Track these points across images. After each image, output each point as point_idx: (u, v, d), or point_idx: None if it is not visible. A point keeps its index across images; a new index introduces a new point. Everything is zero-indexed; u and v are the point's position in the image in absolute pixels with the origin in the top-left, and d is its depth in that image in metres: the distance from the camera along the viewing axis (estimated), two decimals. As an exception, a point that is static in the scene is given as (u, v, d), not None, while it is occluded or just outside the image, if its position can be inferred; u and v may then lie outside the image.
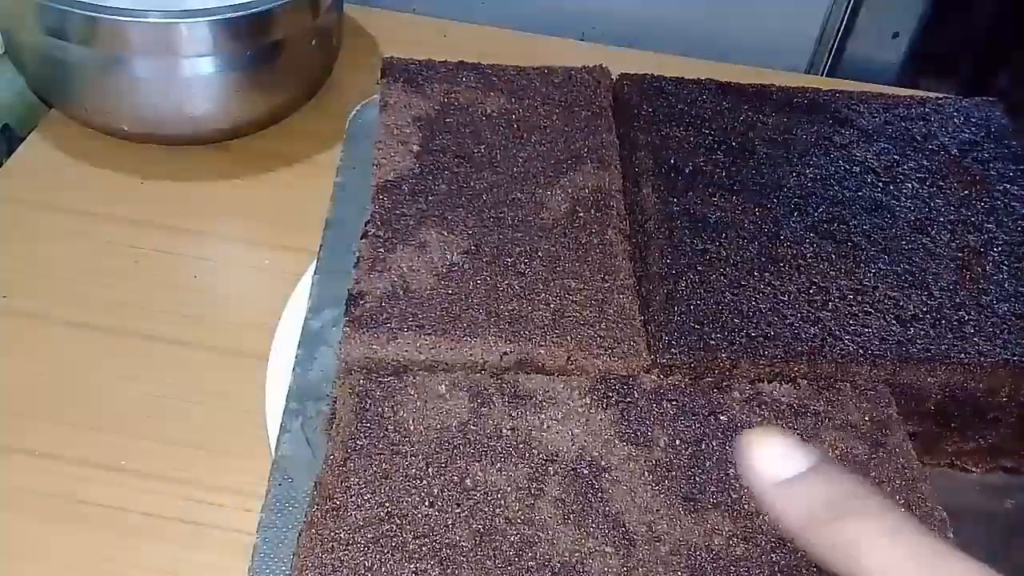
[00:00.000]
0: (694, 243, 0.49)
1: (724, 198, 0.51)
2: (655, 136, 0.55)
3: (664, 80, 0.59)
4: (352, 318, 0.44)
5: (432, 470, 0.39)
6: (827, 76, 0.88)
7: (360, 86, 0.69)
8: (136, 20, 0.59)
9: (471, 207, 0.50)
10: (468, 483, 0.39)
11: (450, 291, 0.46)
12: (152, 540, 0.47)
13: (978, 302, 0.48)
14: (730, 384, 0.43)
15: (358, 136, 0.60)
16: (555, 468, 0.39)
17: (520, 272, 0.47)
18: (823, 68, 0.89)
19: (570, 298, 0.46)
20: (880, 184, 0.54)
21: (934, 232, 0.51)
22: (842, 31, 0.86)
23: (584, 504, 0.38)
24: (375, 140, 0.53)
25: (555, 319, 0.45)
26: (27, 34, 0.62)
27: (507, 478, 0.39)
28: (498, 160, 0.53)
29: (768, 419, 0.42)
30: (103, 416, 0.51)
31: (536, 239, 0.49)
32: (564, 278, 0.47)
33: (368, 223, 0.48)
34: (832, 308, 0.47)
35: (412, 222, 0.49)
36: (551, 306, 0.45)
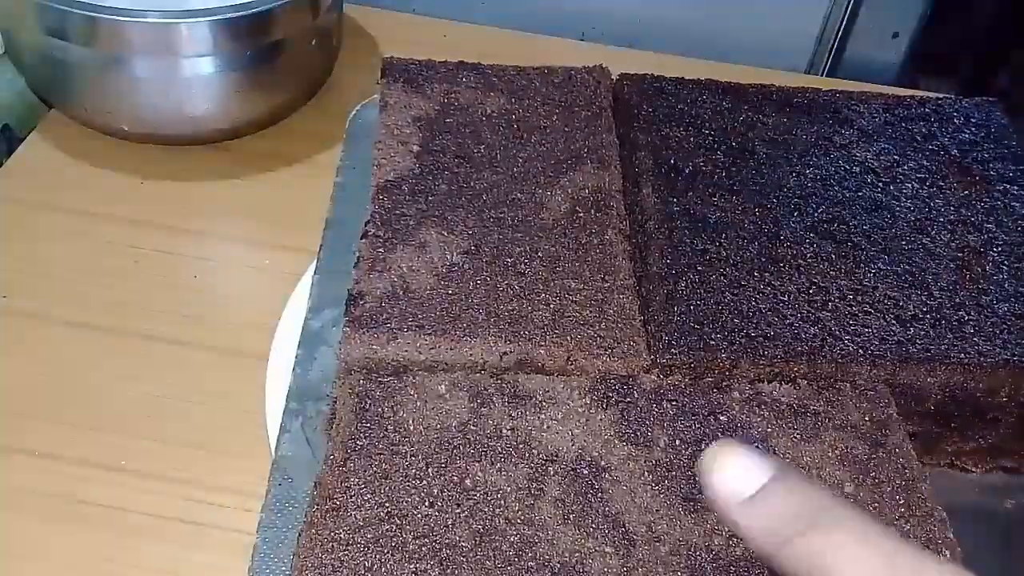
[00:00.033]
0: (694, 243, 0.49)
1: (724, 198, 0.51)
2: (655, 136, 0.55)
3: (664, 80, 0.59)
4: (352, 318, 0.44)
5: (432, 470, 0.39)
6: (827, 76, 0.88)
7: (360, 86, 0.69)
8: (136, 20, 0.59)
9: (471, 207, 0.50)
10: (468, 483, 0.39)
11: (450, 291, 0.46)
12: (152, 540, 0.47)
13: (978, 302, 0.48)
14: (730, 384, 0.43)
15: (358, 136, 0.60)
16: (555, 468, 0.39)
17: (520, 272, 0.47)
18: (823, 68, 0.89)
19: (570, 298, 0.46)
20: (880, 184, 0.54)
21: (934, 232, 0.51)
22: (842, 31, 0.86)
23: (584, 504, 0.38)
24: (375, 140, 0.53)
25: (555, 319, 0.45)
26: (27, 34, 0.62)
27: (507, 478, 0.39)
28: (498, 160, 0.53)
29: (768, 419, 0.42)
30: (103, 416, 0.51)
31: (536, 239, 0.49)
32: (564, 278, 0.47)
33: (368, 223, 0.49)
34: (832, 308, 0.47)
35: (412, 222, 0.49)
36: (551, 306, 0.45)
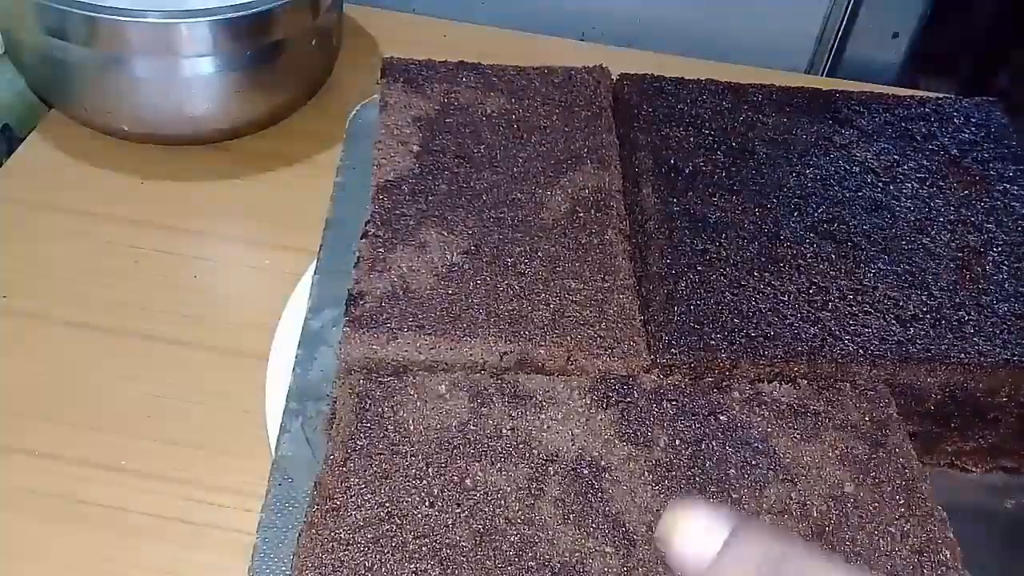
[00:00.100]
0: (694, 243, 0.49)
1: (724, 198, 0.51)
2: (655, 136, 0.55)
3: (664, 80, 0.59)
4: (352, 318, 0.44)
5: (432, 470, 0.39)
6: (827, 76, 0.88)
7: (360, 86, 0.69)
8: (136, 20, 0.59)
9: (471, 207, 0.50)
10: (468, 483, 0.39)
11: (450, 291, 0.46)
12: (152, 540, 0.47)
13: (978, 302, 0.48)
14: (730, 384, 0.43)
15: (358, 136, 0.60)
16: (555, 468, 0.39)
17: (520, 272, 0.47)
18: (823, 68, 0.88)
19: (570, 298, 0.46)
20: (880, 184, 0.54)
21: (934, 232, 0.51)
22: (842, 31, 0.86)
23: (584, 504, 0.38)
24: (375, 140, 0.53)
25: (555, 319, 0.45)
26: (27, 34, 0.62)
27: (507, 478, 0.39)
28: (498, 160, 0.53)
29: (768, 419, 0.42)
30: (103, 416, 0.51)
31: (536, 239, 0.49)
32: (564, 278, 0.47)
33: (368, 223, 0.49)
34: (832, 308, 0.47)
35: (412, 222, 0.49)
36: (551, 306, 0.45)
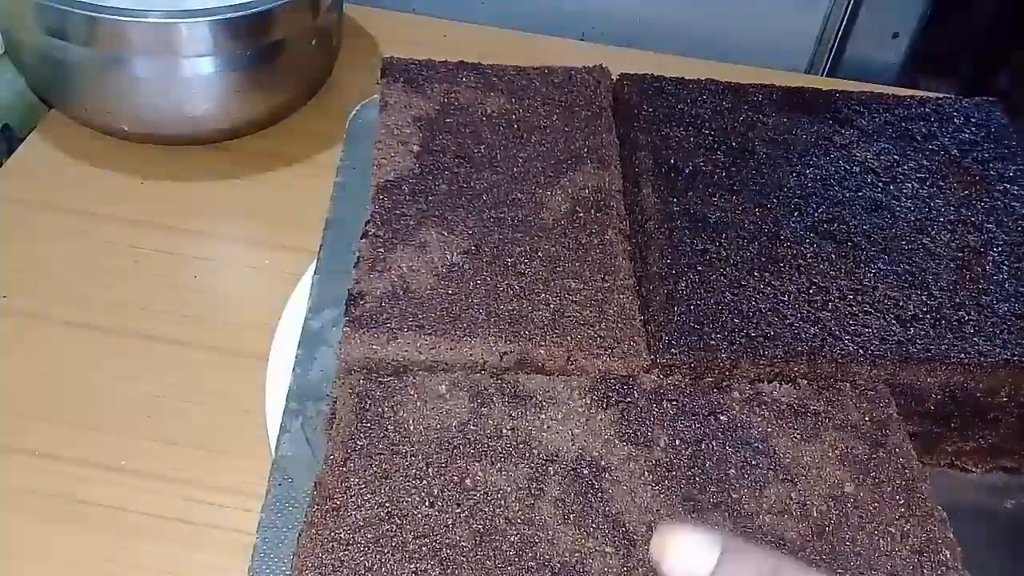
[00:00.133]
0: (694, 243, 0.49)
1: (724, 198, 0.51)
2: (655, 136, 0.55)
3: (664, 80, 0.59)
4: (352, 318, 0.44)
5: (432, 470, 0.39)
6: (827, 76, 0.88)
7: (360, 86, 0.69)
8: (136, 20, 0.59)
9: (471, 207, 0.50)
10: (468, 483, 0.39)
11: (450, 291, 0.46)
12: (152, 540, 0.47)
13: (978, 302, 0.48)
14: (730, 384, 0.43)
15: (358, 136, 0.60)
16: (555, 468, 0.39)
17: (520, 272, 0.47)
18: (823, 68, 0.88)
19: (570, 298, 0.46)
20: (880, 184, 0.54)
21: (934, 232, 0.51)
22: (842, 31, 0.86)
23: (584, 504, 0.38)
24: (375, 140, 0.53)
25: (555, 319, 0.45)
26: (27, 34, 0.62)
27: (507, 478, 0.39)
28: (498, 160, 0.53)
29: (768, 419, 0.42)
30: (103, 416, 0.51)
31: (536, 239, 0.49)
32: (564, 278, 0.47)
33: (368, 223, 0.49)
34: (832, 308, 0.47)
35: (412, 222, 0.49)
36: (551, 306, 0.45)
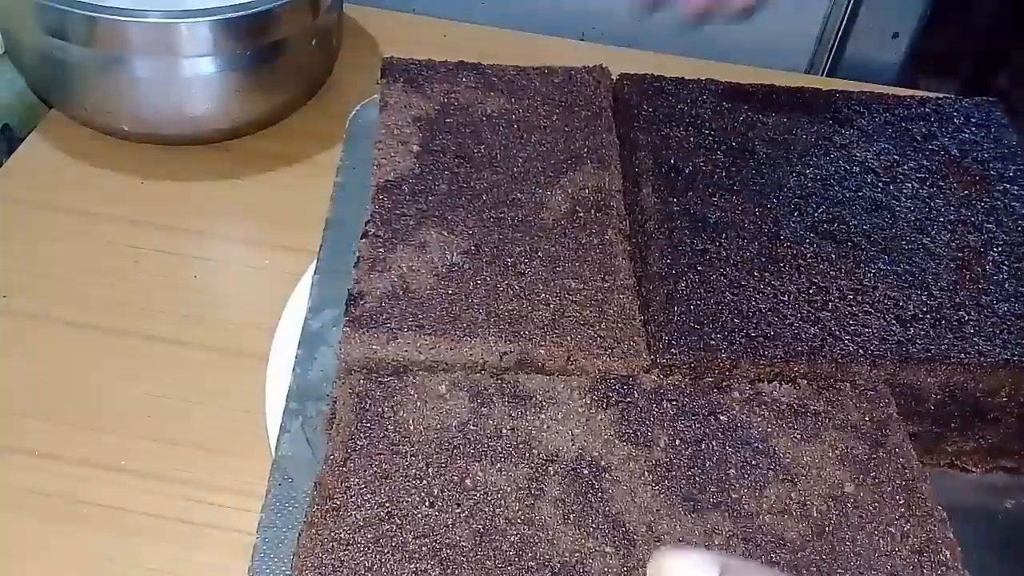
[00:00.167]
0: (694, 243, 0.49)
1: (724, 198, 0.51)
2: (655, 136, 0.55)
3: (664, 80, 0.59)
4: (352, 318, 0.44)
5: (432, 470, 0.39)
6: (827, 76, 0.88)
7: (360, 86, 0.69)
8: (136, 20, 0.59)
9: (471, 207, 0.50)
10: (468, 483, 0.39)
11: (450, 291, 0.46)
12: (152, 540, 0.47)
13: (978, 302, 0.48)
14: (730, 384, 0.43)
15: (358, 136, 0.60)
16: (555, 468, 0.39)
17: (520, 272, 0.47)
18: (823, 68, 0.88)
19: (570, 298, 0.46)
20: (880, 184, 0.54)
21: (934, 232, 0.51)
22: (842, 31, 0.86)
23: (584, 504, 0.38)
24: (375, 140, 0.53)
25: (555, 319, 0.45)
26: (27, 34, 0.62)
27: (507, 478, 0.39)
28: (498, 160, 0.53)
29: (768, 419, 0.42)
30: (103, 416, 0.51)
31: (536, 239, 0.49)
32: (564, 278, 0.47)
33: (368, 223, 0.49)
34: (832, 308, 0.47)
35: (412, 222, 0.49)
36: (551, 306, 0.45)
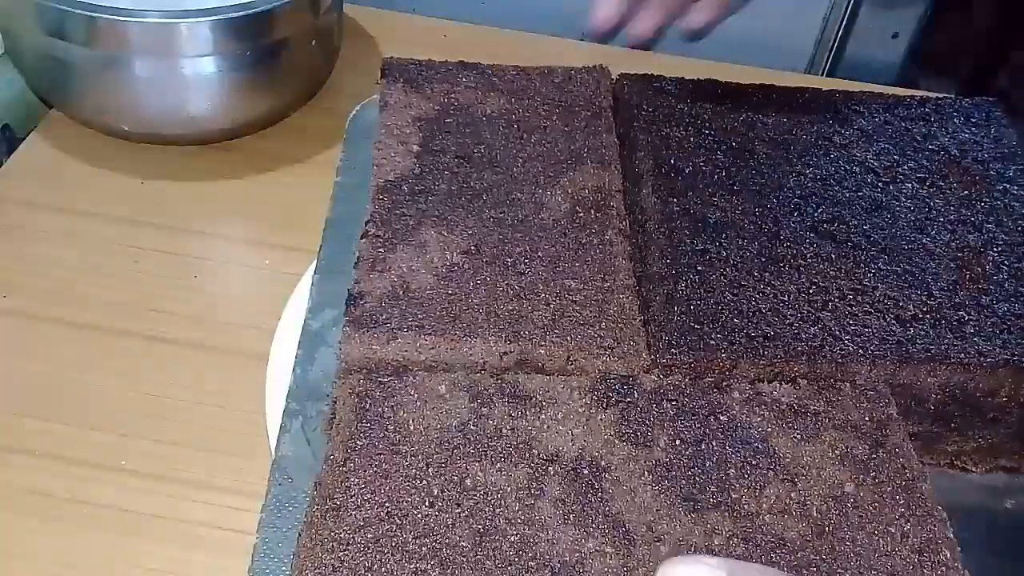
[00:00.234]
0: (694, 243, 0.49)
1: (724, 198, 0.51)
2: (655, 136, 0.55)
3: (664, 80, 0.59)
4: (352, 318, 0.44)
5: (432, 470, 0.39)
6: (827, 76, 0.88)
7: (360, 86, 0.69)
8: (136, 20, 0.59)
9: (471, 207, 0.50)
10: (468, 483, 0.39)
11: (450, 291, 0.46)
12: (152, 540, 0.47)
13: (978, 302, 0.48)
14: (730, 384, 0.43)
15: (358, 136, 0.60)
16: (555, 468, 0.39)
17: (520, 272, 0.47)
18: (823, 68, 0.88)
19: (570, 298, 0.46)
20: (880, 184, 0.54)
21: (934, 232, 0.51)
22: (842, 31, 0.86)
23: (584, 504, 0.38)
24: (375, 140, 0.53)
25: (555, 319, 0.45)
26: (27, 34, 0.62)
27: (507, 478, 0.39)
28: (498, 160, 0.53)
29: (768, 419, 0.42)
30: (103, 416, 0.51)
31: (536, 239, 0.49)
32: (564, 278, 0.47)
33: (368, 223, 0.49)
34: (832, 308, 0.47)
35: (412, 222, 0.49)
36: (551, 306, 0.45)
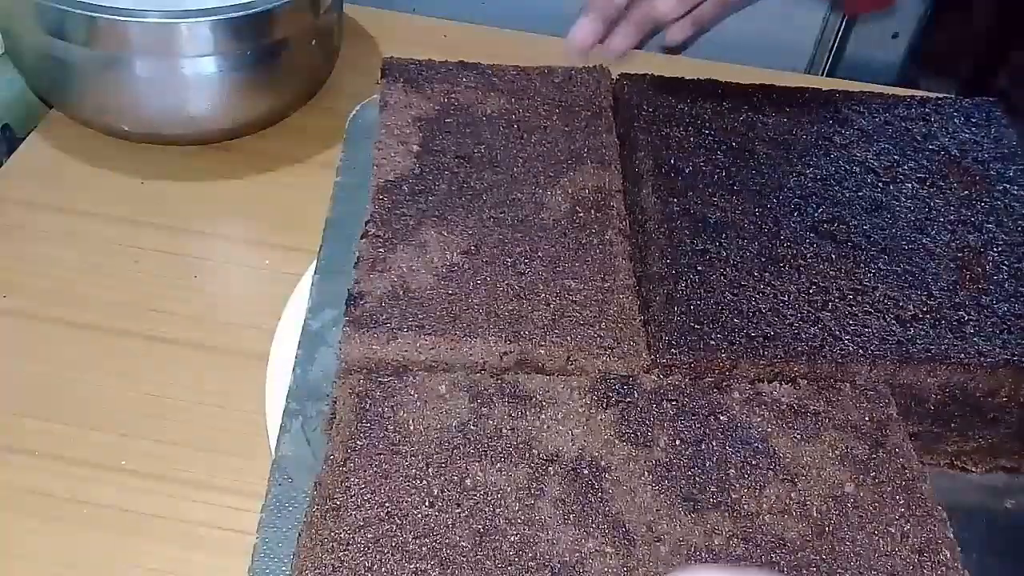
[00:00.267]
0: (694, 243, 0.49)
1: (724, 198, 0.51)
2: (655, 136, 0.55)
3: (664, 80, 0.59)
4: (352, 318, 0.44)
5: (432, 470, 0.39)
6: (827, 76, 0.88)
7: (360, 86, 0.69)
8: (136, 20, 0.59)
9: (471, 207, 0.50)
10: (468, 483, 0.39)
11: (450, 291, 0.46)
12: (152, 540, 0.47)
13: (978, 302, 0.48)
14: (730, 384, 0.43)
15: (358, 136, 0.60)
16: (555, 468, 0.39)
17: (520, 272, 0.47)
18: (823, 68, 0.88)
19: (570, 298, 0.46)
20: (880, 184, 0.54)
21: (934, 232, 0.51)
22: (842, 31, 0.86)
23: (584, 504, 0.38)
24: (375, 140, 0.53)
25: (555, 319, 0.45)
26: (27, 34, 0.62)
27: (507, 478, 0.39)
28: (498, 160, 0.53)
29: (768, 419, 0.42)
30: (103, 416, 0.51)
31: (536, 239, 0.49)
32: (564, 278, 0.47)
33: (368, 223, 0.49)
34: (832, 308, 0.47)
35: (412, 222, 0.49)
36: (551, 306, 0.45)
